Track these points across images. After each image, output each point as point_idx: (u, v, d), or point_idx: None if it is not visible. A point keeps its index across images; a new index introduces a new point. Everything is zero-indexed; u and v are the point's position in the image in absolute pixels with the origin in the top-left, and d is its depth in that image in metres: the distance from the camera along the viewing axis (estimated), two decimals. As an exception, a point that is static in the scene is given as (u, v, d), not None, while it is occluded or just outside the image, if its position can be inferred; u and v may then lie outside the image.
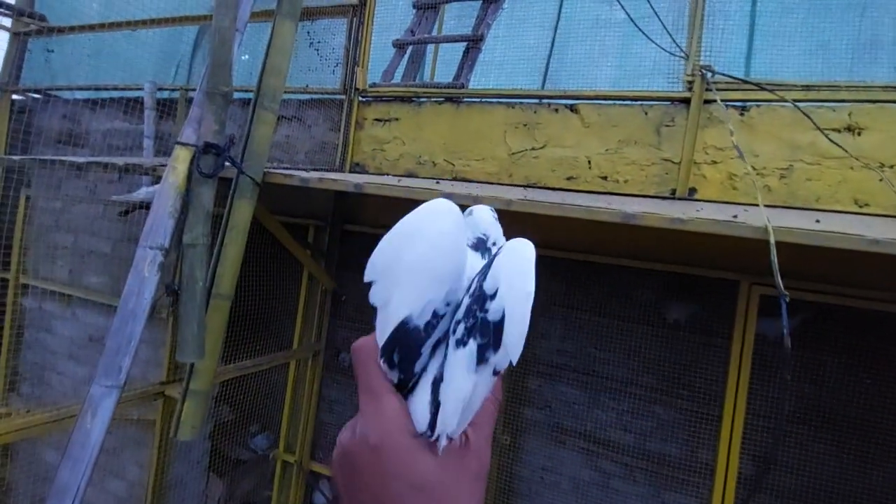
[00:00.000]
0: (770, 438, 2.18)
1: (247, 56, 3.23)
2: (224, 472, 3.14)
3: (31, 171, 3.38)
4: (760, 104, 1.98)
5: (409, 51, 2.85)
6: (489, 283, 0.34)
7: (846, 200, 1.85)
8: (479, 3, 2.74)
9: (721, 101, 1.94)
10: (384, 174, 2.59)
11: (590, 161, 2.23)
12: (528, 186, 2.31)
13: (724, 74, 2.01)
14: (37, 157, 2.38)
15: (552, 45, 3.07)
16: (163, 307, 2.61)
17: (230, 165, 1.81)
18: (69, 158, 2.21)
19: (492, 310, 0.33)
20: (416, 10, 2.87)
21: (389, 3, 2.93)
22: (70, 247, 3.37)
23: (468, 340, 0.33)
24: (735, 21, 2.54)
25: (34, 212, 3.49)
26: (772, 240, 1.25)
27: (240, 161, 1.85)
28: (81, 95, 3.69)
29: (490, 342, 0.33)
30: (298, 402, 3.02)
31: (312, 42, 2.87)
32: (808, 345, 2.12)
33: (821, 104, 1.90)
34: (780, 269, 1.28)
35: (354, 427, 0.36)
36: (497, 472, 2.67)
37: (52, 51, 3.77)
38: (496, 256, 0.36)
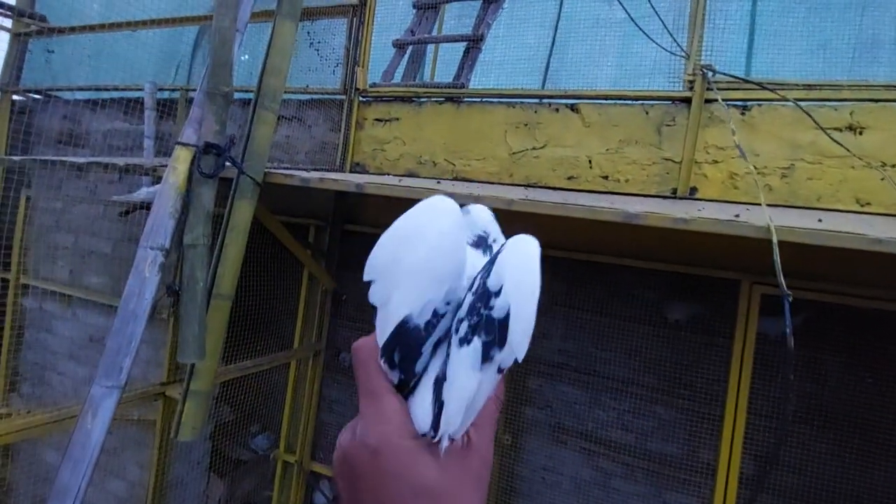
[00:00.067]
0: (772, 438, 2.18)
1: (247, 56, 3.23)
2: (225, 473, 3.14)
3: (32, 172, 3.38)
4: (762, 103, 1.97)
5: (410, 51, 2.85)
6: (493, 281, 0.34)
7: (847, 199, 1.85)
8: (479, 3, 2.74)
9: (722, 101, 1.94)
10: (385, 174, 2.58)
11: (590, 161, 2.23)
12: (529, 186, 2.31)
13: (725, 74, 2.01)
14: (37, 158, 2.37)
15: (552, 45, 3.07)
16: (163, 308, 2.60)
17: (231, 165, 1.81)
18: (69, 159, 2.21)
19: (496, 307, 0.33)
20: (417, 10, 2.87)
21: (389, 3, 2.93)
22: (70, 247, 3.37)
23: (472, 338, 0.33)
24: (735, 20, 2.54)
25: (35, 212, 3.49)
26: (774, 239, 1.25)
27: (240, 161, 1.85)
28: (82, 96, 3.69)
29: (495, 340, 0.33)
30: (299, 403, 3.02)
31: (313, 42, 2.87)
32: (810, 344, 2.12)
33: (822, 103, 1.89)
34: (782, 269, 1.28)
35: (354, 429, 0.35)
36: (498, 472, 2.66)
37: (53, 51, 3.77)
38: (499, 253, 0.35)
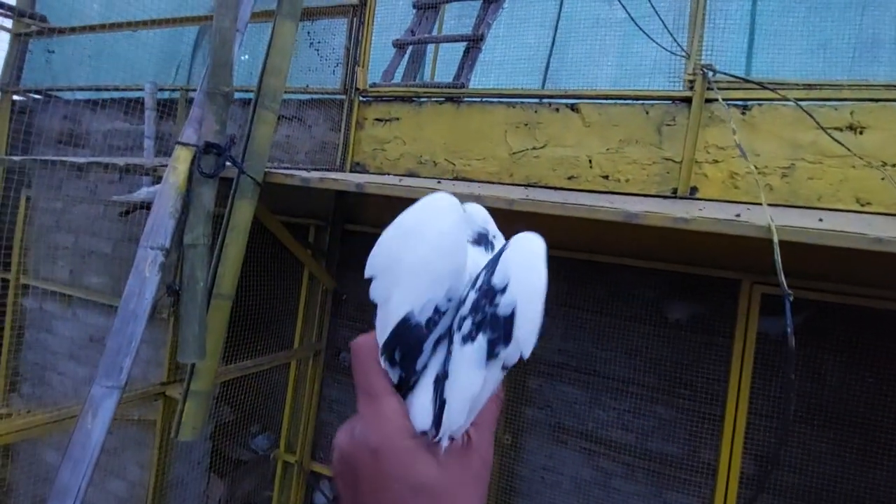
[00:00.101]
0: (773, 438, 2.18)
1: (247, 56, 3.23)
2: (225, 473, 3.14)
3: (32, 172, 3.38)
4: (762, 103, 1.97)
5: (410, 51, 2.85)
6: (499, 278, 0.33)
7: (848, 199, 1.85)
8: (480, 3, 2.74)
9: (722, 101, 1.94)
10: (385, 174, 2.58)
11: (591, 160, 2.23)
12: (529, 186, 2.31)
13: (726, 73, 2.01)
14: (37, 158, 2.37)
15: (552, 45, 3.07)
16: (164, 307, 2.60)
17: (231, 165, 1.81)
18: (70, 159, 2.21)
19: (502, 304, 0.33)
20: (417, 10, 2.87)
21: (389, 3, 2.93)
22: (70, 247, 3.37)
23: (477, 335, 0.33)
24: (735, 20, 2.54)
25: (35, 212, 3.49)
26: (775, 239, 1.25)
27: (240, 161, 1.85)
28: (82, 96, 3.69)
29: (500, 337, 0.33)
30: (299, 402, 3.02)
31: (313, 42, 2.87)
32: (810, 343, 2.12)
33: (823, 103, 1.89)
34: (783, 268, 1.28)
35: (353, 428, 0.35)
36: (498, 472, 2.66)
37: (53, 51, 3.77)
38: (504, 250, 0.35)
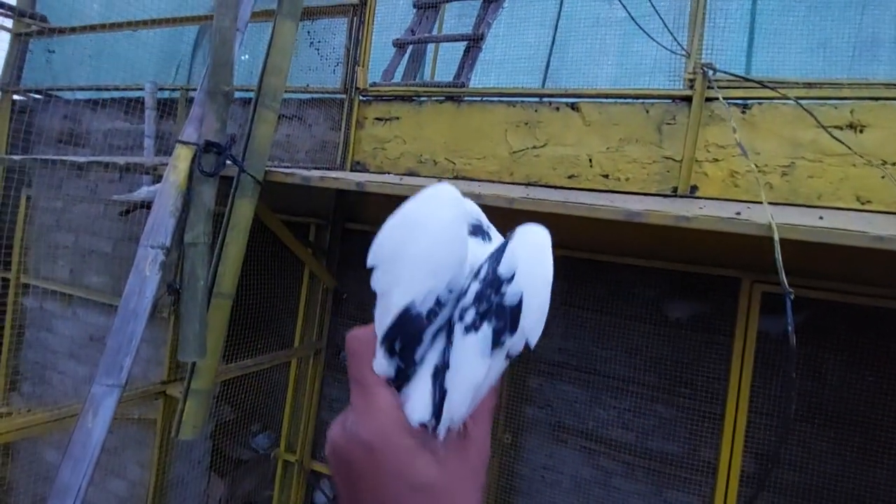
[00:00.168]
0: (773, 436, 2.18)
1: (247, 56, 3.23)
2: (225, 472, 3.14)
3: (32, 171, 3.38)
4: (762, 102, 1.97)
5: (410, 50, 2.85)
6: (505, 268, 0.34)
7: (848, 198, 1.85)
8: (480, 3, 2.74)
9: (723, 99, 1.94)
10: (385, 173, 2.58)
11: (591, 159, 2.23)
12: (530, 185, 2.31)
13: (726, 72, 2.01)
14: (38, 157, 2.38)
15: (553, 44, 3.07)
16: (164, 306, 2.60)
17: (231, 164, 1.82)
18: (70, 158, 2.21)
19: (509, 293, 0.33)
20: (417, 10, 2.87)
21: (390, 3, 2.93)
22: (71, 246, 3.37)
23: (481, 325, 0.33)
24: (735, 19, 2.54)
25: (35, 211, 3.49)
26: (776, 237, 1.25)
27: (241, 160, 1.85)
28: (82, 95, 3.69)
29: (506, 326, 0.33)
30: (299, 401, 3.02)
31: (313, 42, 2.87)
32: (810, 342, 2.12)
33: (823, 102, 1.89)
34: (783, 267, 1.28)
35: (345, 422, 0.34)
36: (498, 471, 2.66)
37: (53, 51, 3.77)
38: (509, 241, 0.35)
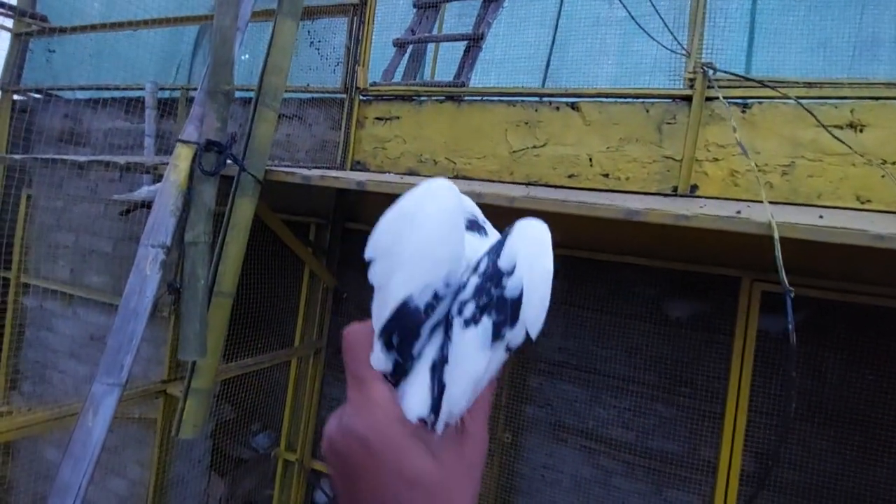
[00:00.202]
0: (773, 435, 2.18)
1: (247, 56, 3.24)
2: (225, 471, 3.14)
3: (33, 171, 3.39)
4: (762, 101, 1.97)
5: (410, 50, 2.85)
6: (505, 261, 0.34)
7: (848, 197, 1.85)
8: (480, 2, 2.74)
9: (723, 99, 1.94)
10: (385, 172, 2.59)
11: (591, 159, 2.23)
12: (530, 184, 2.31)
13: (726, 72, 2.01)
14: (38, 157, 2.38)
15: (553, 44, 3.07)
16: (164, 305, 2.61)
17: (232, 163, 1.82)
18: (71, 157, 2.22)
19: (509, 286, 0.33)
20: (417, 10, 2.87)
21: (390, 3, 2.93)
22: (71, 246, 3.37)
23: (481, 318, 0.33)
24: (736, 19, 2.54)
25: (35, 211, 3.49)
26: (776, 235, 1.25)
27: (241, 159, 1.85)
28: (83, 95, 3.70)
29: (507, 319, 0.33)
30: (300, 401, 3.02)
31: (313, 41, 2.87)
32: (810, 341, 2.12)
33: (823, 101, 1.89)
34: (783, 265, 1.28)
35: (341, 417, 0.34)
36: (498, 470, 2.67)
37: (54, 51, 3.77)
38: (509, 235, 0.35)
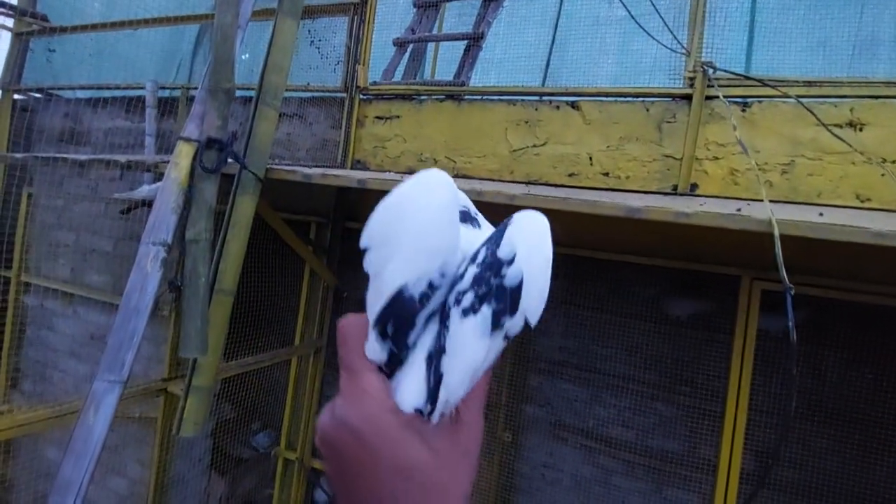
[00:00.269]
0: (773, 434, 2.18)
1: (247, 55, 3.24)
2: (225, 470, 3.14)
3: (34, 169, 3.39)
4: (762, 100, 1.98)
5: (410, 49, 2.85)
6: (505, 250, 0.34)
7: (848, 195, 1.85)
8: (480, 2, 2.74)
9: (723, 97, 1.94)
10: (386, 171, 2.59)
11: (591, 158, 2.24)
12: (530, 183, 2.31)
13: (726, 71, 2.01)
14: (39, 155, 2.38)
15: (553, 43, 3.08)
16: (164, 304, 2.61)
17: (233, 161, 1.82)
18: (72, 156, 2.22)
19: (509, 275, 0.33)
20: (417, 9, 2.88)
21: (390, 2, 2.93)
22: (72, 245, 3.37)
23: (480, 307, 0.33)
24: (735, 18, 2.54)
25: (36, 210, 3.50)
26: (776, 232, 1.25)
27: (242, 157, 1.86)
28: (83, 94, 3.70)
29: (506, 308, 0.33)
30: (300, 400, 3.02)
31: (313, 40, 2.88)
32: (810, 339, 2.13)
33: (823, 100, 1.90)
34: (783, 264, 1.28)
35: (333, 408, 0.34)
36: (498, 469, 2.67)
37: (54, 50, 3.77)
38: (507, 226, 0.36)
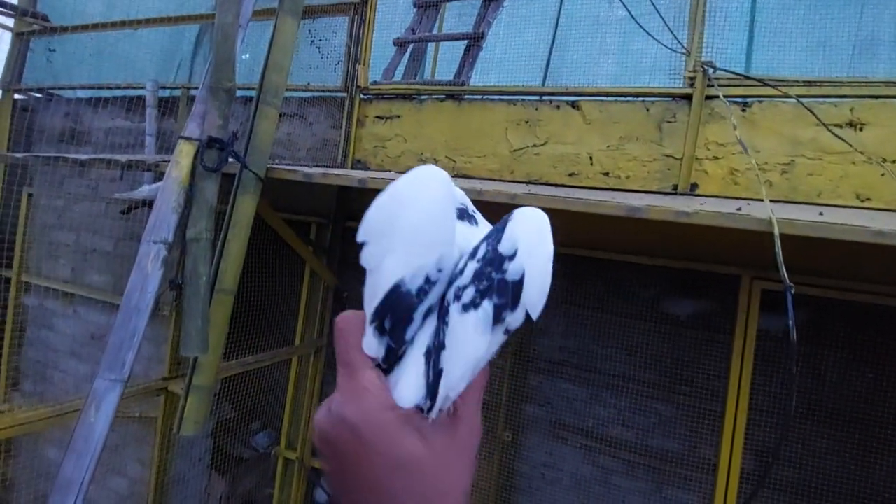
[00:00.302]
0: (773, 434, 2.18)
1: (247, 55, 3.24)
2: (226, 470, 3.14)
3: (34, 169, 3.39)
4: (762, 100, 1.98)
5: (410, 49, 2.86)
6: (505, 246, 0.34)
7: (848, 195, 1.85)
8: (480, 2, 2.75)
9: (723, 97, 1.94)
10: (386, 171, 2.59)
11: (591, 157, 2.24)
12: (530, 183, 2.31)
13: (726, 70, 2.02)
14: (39, 155, 2.38)
15: (553, 43, 3.08)
16: (165, 304, 2.61)
17: (233, 161, 1.82)
18: (72, 156, 2.22)
19: (511, 270, 0.33)
20: (417, 9, 2.88)
21: (390, 2, 2.94)
22: (72, 245, 3.38)
23: (481, 302, 0.33)
24: (735, 18, 2.54)
25: (36, 210, 3.50)
26: (776, 231, 1.26)
27: (243, 156, 1.86)
28: (83, 94, 3.70)
29: (507, 302, 0.33)
30: (300, 399, 3.02)
31: (314, 40, 2.88)
32: (811, 339, 2.13)
33: (823, 100, 1.90)
34: (783, 263, 1.28)
35: (330, 405, 0.34)
36: (498, 469, 2.67)
37: (55, 50, 3.78)
38: (508, 221, 0.36)
